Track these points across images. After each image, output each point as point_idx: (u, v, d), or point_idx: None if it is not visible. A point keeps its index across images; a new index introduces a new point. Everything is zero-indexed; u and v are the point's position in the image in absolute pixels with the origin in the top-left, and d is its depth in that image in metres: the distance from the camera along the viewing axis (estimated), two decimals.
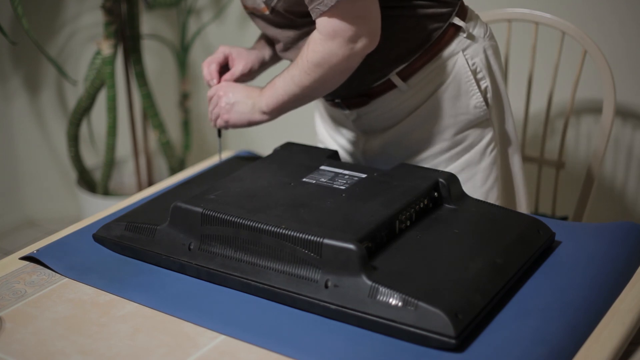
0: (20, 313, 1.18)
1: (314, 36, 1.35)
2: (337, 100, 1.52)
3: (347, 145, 1.61)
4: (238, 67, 1.56)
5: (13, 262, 1.33)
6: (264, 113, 1.47)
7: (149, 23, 2.89)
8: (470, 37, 1.46)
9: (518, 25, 2.05)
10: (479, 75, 1.47)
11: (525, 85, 2.02)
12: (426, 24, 1.42)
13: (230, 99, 1.49)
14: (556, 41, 1.94)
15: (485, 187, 1.51)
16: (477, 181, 1.50)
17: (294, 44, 1.46)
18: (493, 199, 1.51)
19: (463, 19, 1.46)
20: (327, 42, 1.33)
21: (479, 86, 1.47)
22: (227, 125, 1.51)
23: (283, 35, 1.46)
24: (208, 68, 1.55)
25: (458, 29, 1.45)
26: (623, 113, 2.20)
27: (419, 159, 1.50)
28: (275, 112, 1.46)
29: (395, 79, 1.45)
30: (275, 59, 1.62)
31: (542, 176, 2.05)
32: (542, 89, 2.09)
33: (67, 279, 1.26)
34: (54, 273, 1.28)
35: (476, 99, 1.47)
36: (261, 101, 1.46)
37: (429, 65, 1.45)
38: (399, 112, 1.49)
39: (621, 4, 2.15)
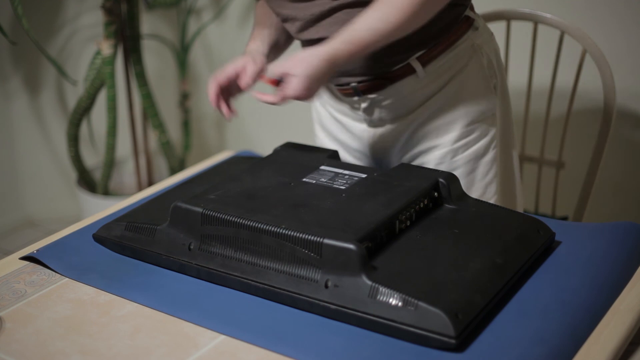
0: (20, 313, 1.18)
1: None
2: (353, 84, 1.50)
3: (352, 141, 1.59)
4: (250, 68, 1.44)
5: (13, 262, 1.33)
6: (335, 50, 1.31)
7: (149, 23, 2.89)
8: (483, 31, 1.50)
9: (518, 25, 2.04)
10: (489, 71, 1.50)
11: (525, 85, 2.02)
12: (446, 13, 1.43)
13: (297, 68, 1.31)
14: (556, 41, 1.94)
15: (485, 181, 1.52)
16: (478, 174, 1.52)
17: (317, 22, 1.41)
18: (491, 193, 1.53)
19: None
20: None
21: (489, 80, 1.49)
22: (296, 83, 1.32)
23: (304, 12, 1.42)
24: (212, 88, 1.46)
25: (471, 23, 1.48)
26: (623, 113, 2.20)
27: (429, 147, 1.51)
28: (353, 46, 1.31)
29: (415, 64, 1.46)
30: (273, 52, 1.57)
31: (542, 176, 2.05)
32: (542, 89, 2.09)
33: (67, 279, 1.26)
34: (54, 273, 1.28)
35: (487, 92, 1.49)
36: (330, 44, 1.32)
37: (446, 54, 1.46)
38: (413, 101, 1.49)
39: (621, 4, 2.15)
